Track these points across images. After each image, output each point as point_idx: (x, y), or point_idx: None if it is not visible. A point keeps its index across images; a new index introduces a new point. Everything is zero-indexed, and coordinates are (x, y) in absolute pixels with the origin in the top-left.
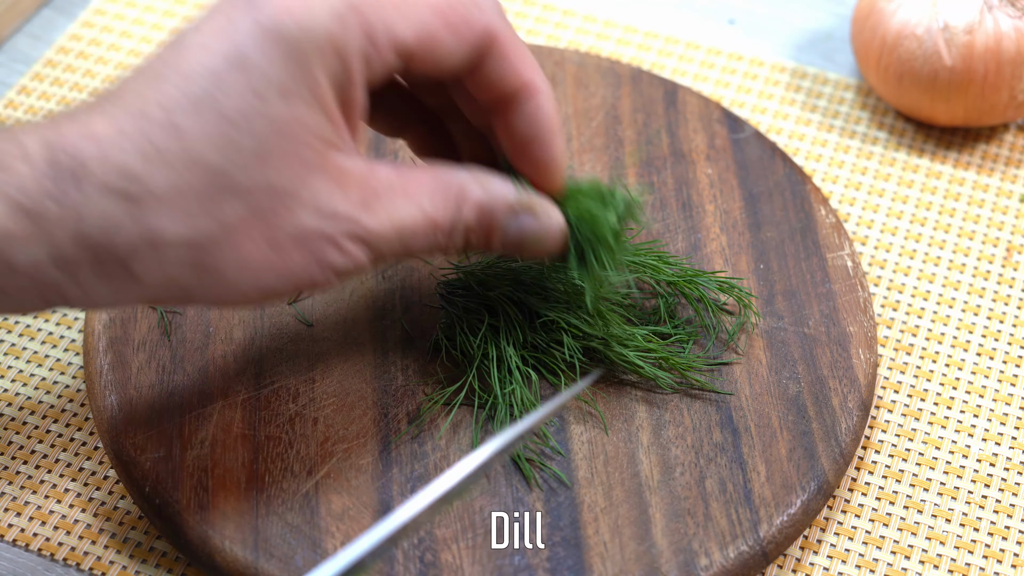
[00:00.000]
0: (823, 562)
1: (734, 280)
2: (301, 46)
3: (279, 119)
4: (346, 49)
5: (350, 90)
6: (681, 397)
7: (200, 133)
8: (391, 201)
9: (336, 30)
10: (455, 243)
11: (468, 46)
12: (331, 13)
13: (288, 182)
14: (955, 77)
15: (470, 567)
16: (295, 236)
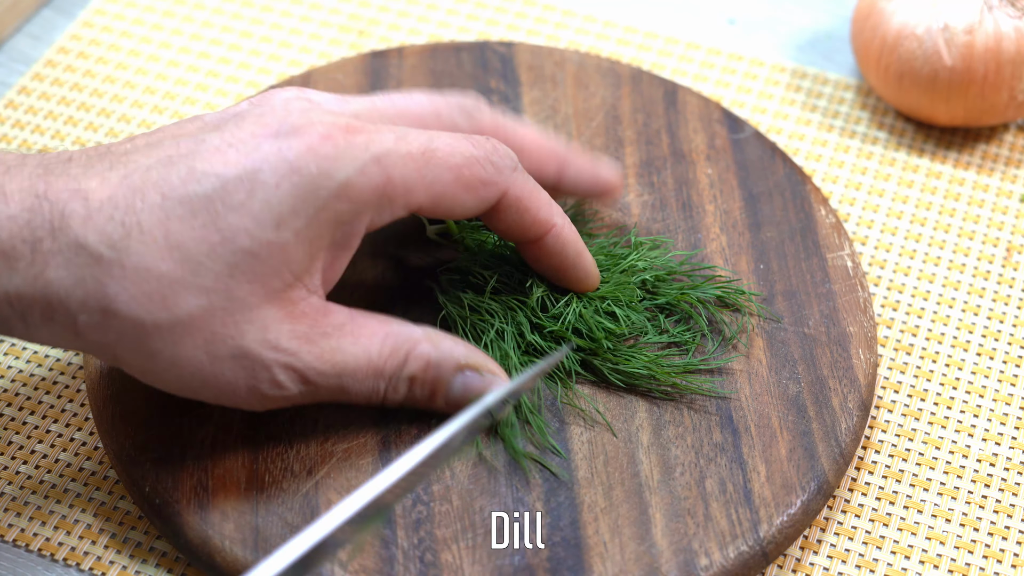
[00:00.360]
0: (823, 562)
1: (735, 285)
2: (315, 188)
3: (264, 244)
4: (361, 201)
5: (351, 237)
6: (681, 397)
7: (187, 230)
8: (338, 340)
9: (357, 182)
10: (398, 393)
11: (482, 203)
12: (357, 166)
13: (248, 300)
14: (955, 77)
15: (470, 567)
16: (234, 352)
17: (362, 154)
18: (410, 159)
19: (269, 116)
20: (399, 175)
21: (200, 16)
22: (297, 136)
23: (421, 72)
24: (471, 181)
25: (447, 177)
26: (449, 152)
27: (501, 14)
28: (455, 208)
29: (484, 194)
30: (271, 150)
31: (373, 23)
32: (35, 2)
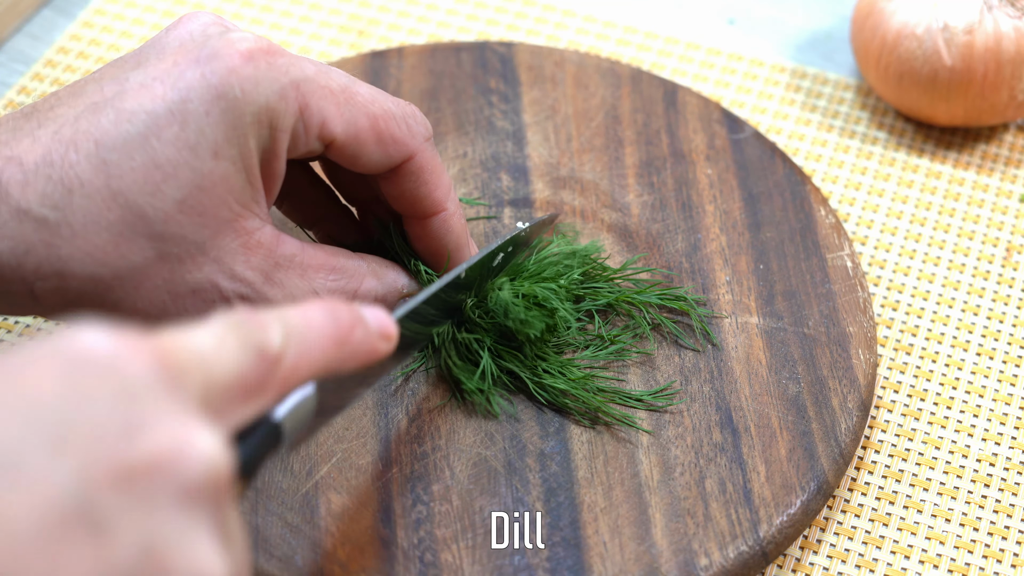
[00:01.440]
0: (823, 562)
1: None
2: (241, 111)
3: (206, 175)
4: (279, 123)
5: (273, 161)
6: (680, 397)
7: (128, 173)
8: (287, 275)
9: (275, 104)
10: None
11: (389, 160)
12: (275, 87)
13: (200, 235)
14: (955, 77)
15: (470, 567)
16: (193, 287)
17: (282, 77)
18: (330, 92)
19: (189, 44)
20: (316, 104)
21: None
22: (219, 59)
23: (421, 72)
24: (384, 134)
25: (363, 122)
26: (370, 99)
27: (501, 14)
28: (362, 157)
29: (393, 151)
30: (195, 76)
31: (373, 23)
32: (35, 2)
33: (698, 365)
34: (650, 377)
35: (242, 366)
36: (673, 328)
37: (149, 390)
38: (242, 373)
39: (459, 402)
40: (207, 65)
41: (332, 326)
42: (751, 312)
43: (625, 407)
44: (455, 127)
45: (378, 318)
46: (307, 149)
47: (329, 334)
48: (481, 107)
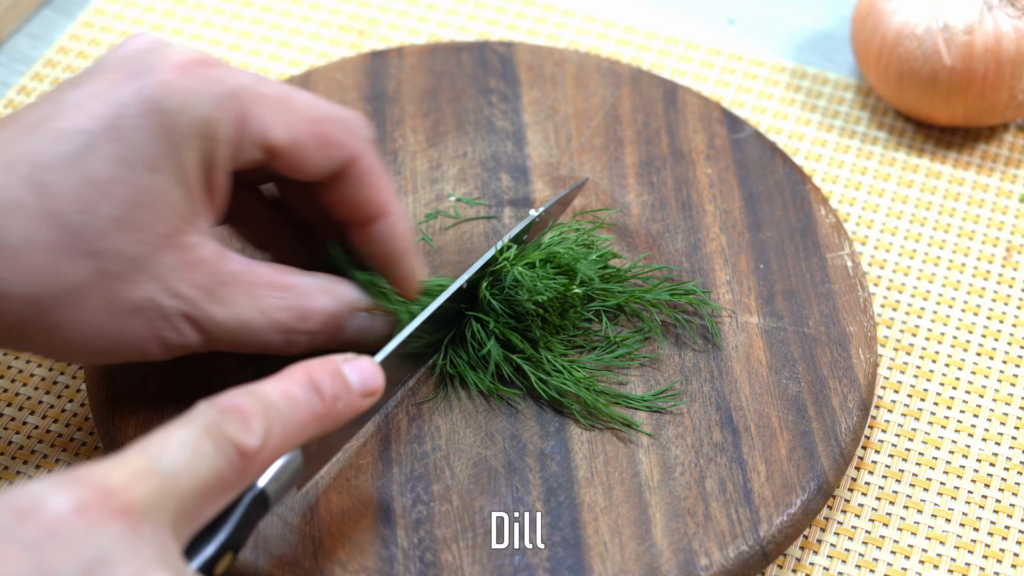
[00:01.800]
0: (823, 562)
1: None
2: (177, 125)
3: (142, 190)
4: (217, 135)
5: (214, 173)
6: (680, 397)
7: (63, 192)
8: (233, 293)
9: (212, 115)
10: (298, 345)
11: (331, 164)
12: (210, 98)
13: (139, 252)
14: (955, 77)
15: (470, 567)
16: (134, 306)
17: (218, 87)
18: (268, 99)
19: (125, 62)
20: (256, 113)
21: (200, 16)
22: (153, 72)
23: (421, 72)
24: (326, 138)
25: (304, 127)
26: (309, 104)
27: (501, 14)
28: (305, 163)
29: (336, 154)
30: (130, 92)
31: (373, 23)
32: (35, 2)
33: (698, 365)
34: (651, 377)
35: (220, 469)
36: (685, 326)
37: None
38: (220, 475)
39: (459, 402)
40: (141, 79)
41: (315, 402)
42: (751, 312)
43: (627, 409)
44: (455, 127)
45: (362, 377)
46: (250, 159)
47: (312, 411)
48: (481, 107)
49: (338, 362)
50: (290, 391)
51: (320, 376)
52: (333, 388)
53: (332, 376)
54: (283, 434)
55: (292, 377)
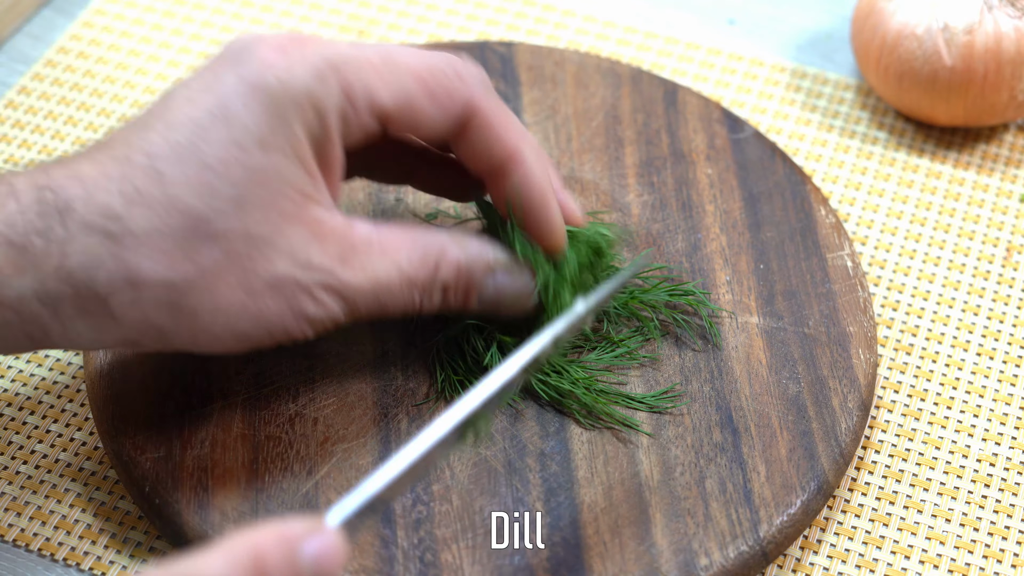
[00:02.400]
0: (823, 562)
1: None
2: (281, 101)
3: (258, 169)
4: (324, 106)
5: (327, 147)
6: (681, 398)
7: (181, 179)
8: (368, 257)
9: (316, 87)
10: (433, 301)
11: (449, 116)
12: (312, 71)
13: (265, 230)
14: (955, 77)
15: (470, 567)
16: (270, 283)
17: (317, 59)
18: (367, 63)
19: (227, 53)
20: (357, 77)
21: (200, 16)
22: (251, 55)
23: None
24: (436, 90)
25: (410, 82)
26: (413, 59)
27: (501, 14)
28: (422, 121)
29: (449, 105)
30: (231, 79)
31: (373, 23)
32: (35, 2)
33: (698, 365)
34: (651, 377)
35: None
36: (684, 326)
37: None
38: None
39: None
40: (241, 66)
41: None
42: (751, 312)
43: (627, 409)
44: None
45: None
46: (364, 128)
47: None
48: None
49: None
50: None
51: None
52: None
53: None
54: None
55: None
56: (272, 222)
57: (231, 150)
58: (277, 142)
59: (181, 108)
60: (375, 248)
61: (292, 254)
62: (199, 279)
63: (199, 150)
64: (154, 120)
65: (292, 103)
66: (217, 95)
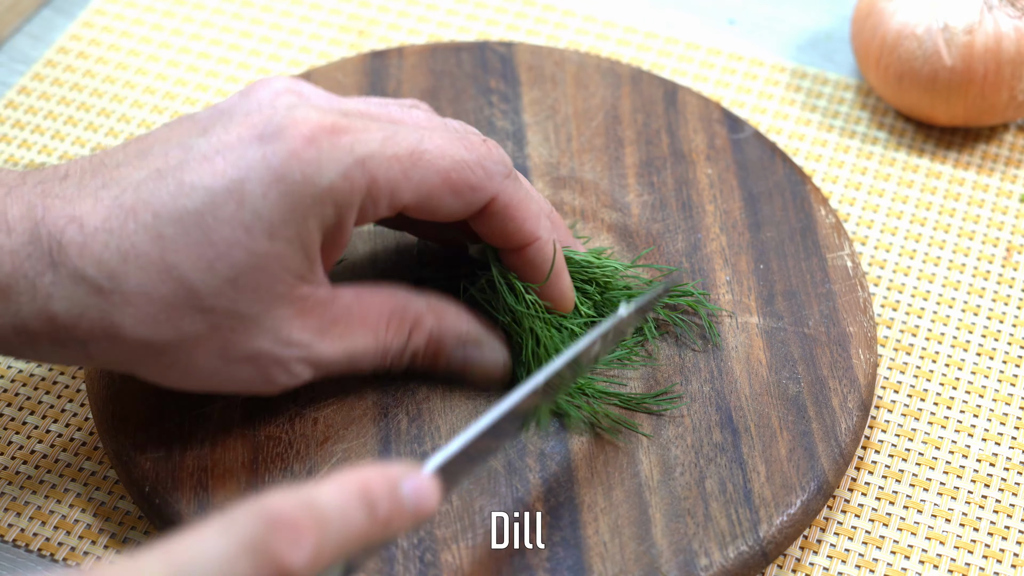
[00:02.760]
0: (823, 562)
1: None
2: (302, 196)
3: (260, 254)
4: (344, 202)
5: (339, 235)
6: (681, 397)
7: (182, 248)
8: (347, 327)
9: (339, 185)
10: (402, 363)
11: (469, 208)
12: (338, 168)
13: (253, 310)
14: (955, 77)
15: (470, 567)
16: (248, 355)
17: (346, 157)
18: (396, 161)
19: (256, 115)
20: (383, 177)
21: (200, 16)
22: (281, 139)
23: (421, 72)
24: (459, 185)
25: (434, 180)
26: (439, 154)
27: (501, 14)
28: (440, 209)
29: (471, 198)
30: (256, 157)
31: (373, 23)
32: (35, 2)
33: (698, 365)
34: (650, 377)
35: None
36: (683, 326)
37: None
38: None
39: (460, 402)
40: (269, 145)
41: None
42: (751, 312)
43: (625, 410)
44: None
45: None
46: (377, 217)
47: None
48: (481, 107)
49: (397, 477)
50: (346, 506)
51: (377, 494)
52: (388, 509)
53: (389, 495)
54: (331, 551)
55: (349, 488)
56: (262, 303)
57: (238, 232)
58: (285, 232)
59: (197, 169)
60: (355, 318)
61: (275, 331)
62: (180, 344)
63: (206, 224)
64: (168, 171)
65: (312, 199)
66: (238, 169)
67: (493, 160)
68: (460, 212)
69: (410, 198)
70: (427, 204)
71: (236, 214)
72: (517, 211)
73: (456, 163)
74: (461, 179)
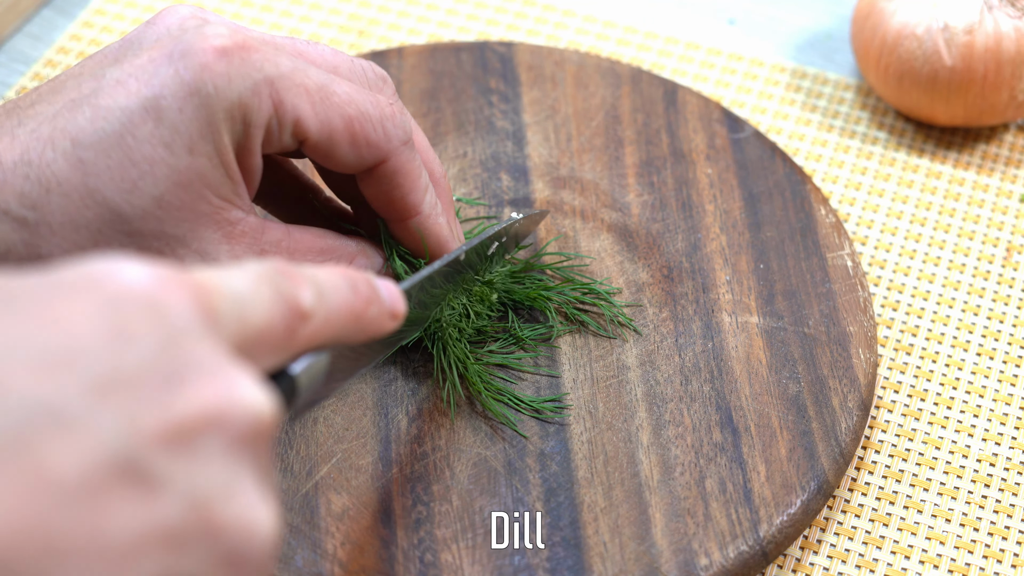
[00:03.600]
0: (823, 562)
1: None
2: (213, 108)
3: (182, 171)
4: (252, 119)
5: (248, 157)
6: (681, 397)
7: (104, 171)
8: (275, 258)
9: (248, 100)
10: None
11: (362, 161)
12: (248, 83)
13: (179, 230)
14: (955, 77)
15: (470, 567)
16: None
17: (255, 73)
18: (304, 91)
19: (165, 39)
20: (290, 102)
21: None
22: (192, 55)
23: (421, 72)
24: (358, 136)
25: (338, 123)
26: (347, 100)
27: (501, 14)
28: (335, 156)
29: (366, 154)
30: (169, 73)
31: (373, 23)
32: (35, 2)
33: (698, 365)
34: (649, 376)
35: (274, 316)
36: (592, 323)
37: (191, 333)
38: (273, 323)
39: (459, 401)
40: (180, 62)
41: (352, 297)
42: (751, 312)
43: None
44: (455, 127)
45: (391, 295)
46: (281, 145)
47: (349, 304)
48: (481, 107)
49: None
50: (332, 277)
51: (357, 277)
52: (367, 290)
53: (367, 281)
54: (327, 313)
55: (331, 270)
56: (188, 222)
57: (158, 150)
58: (204, 147)
59: (112, 93)
60: (284, 250)
61: (202, 253)
62: None
63: (126, 144)
64: (82, 100)
65: (224, 111)
66: (152, 87)
67: (395, 123)
68: (353, 164)
69: (313, 132)
70: (326, 145)
71: (155, 131)
72: (405, 179)
73: (361, 114)
74: (362, 131)
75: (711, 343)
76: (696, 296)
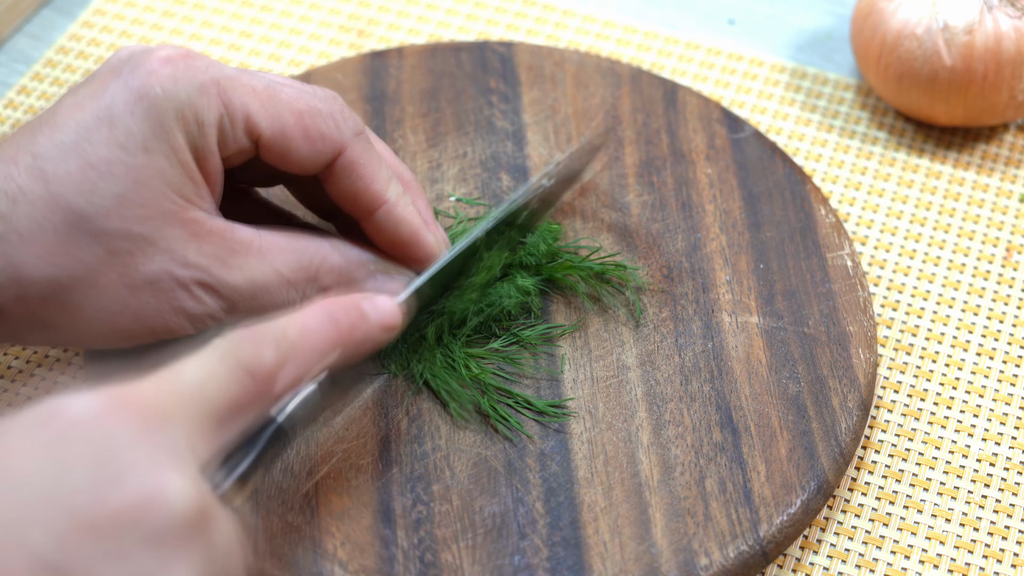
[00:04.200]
0: (823, 562)
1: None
2: (164, 109)
3: (140, 169)
4: (204, 118)
5: (205, 158)
6: (681, 397)
7: (64, 177)
8: (246, 259)
9: (196, 100)
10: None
11: (319, 157)
12: (194, 84)
13: (144, 229)
14: (955, 77)
15: (470, 567)
16: (149, 279)
17: (201, 75)
18: (251, 90)
19: (115, 64)
20: (239, 100)
21: (199, 16)
22: (139, 67)
23: (421, 72)
24: (311, 130)
25: (289, 119)
26: (295, 97)
27: (501, 14)
28: (292, 155)
29: (321, 147)
30: (118, 85)
31: (373, 23)
32: (35, 2)
33: (698, 364)
34: (649, 376)
35: (233, 389)
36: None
37: (128, 447)
38: (235, 394)
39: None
40: (129, 75)
41: (331, 331)
42: (751, 311)
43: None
44: (455, 127)
45: (380, 311)
46: (237, 145)
47: (328, 339)
48: (481, 107)
49: (356, 298)
50: (303, 322)
51: (337, 308)
52: (348, 318)
53: (348, 308)
54: (299, 362)
55: (308, 310)
56: (152, 221)
57: (114, 151)
58: (159, 146)
59: (68, 112)
60: (254, 251)
61: (170, 252)
62: (82, 275)
63: (83, 150)
64: (41, 124)
65: (174, 111)
66: (103, 101)
67: (345, 116)
68: (310, 160)
69: (266, 128)
70: (281, 142)
71: (110, 135)
72: (365, 169)
73: (311, 108)
74: (313, 125)
75: (711, 343)
76: (696, 296)
